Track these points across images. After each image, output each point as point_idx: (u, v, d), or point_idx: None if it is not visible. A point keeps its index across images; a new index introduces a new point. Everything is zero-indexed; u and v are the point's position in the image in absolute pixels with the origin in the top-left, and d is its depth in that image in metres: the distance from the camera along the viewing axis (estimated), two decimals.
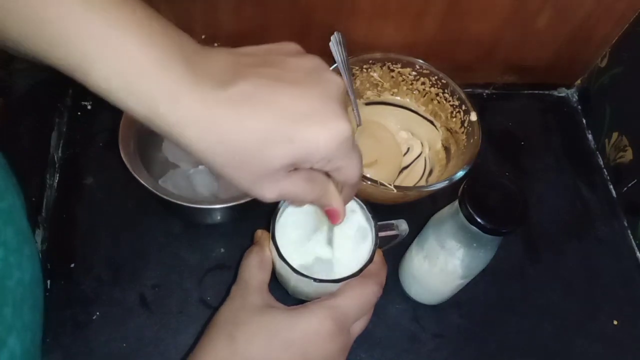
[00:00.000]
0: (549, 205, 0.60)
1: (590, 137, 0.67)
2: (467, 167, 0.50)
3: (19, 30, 0.25)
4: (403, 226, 0.46)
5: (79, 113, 0.59)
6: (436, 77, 0.55)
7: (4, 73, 0.52)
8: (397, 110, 0.59)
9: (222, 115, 0.27)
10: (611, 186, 0.63)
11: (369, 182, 0.47)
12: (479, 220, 0.38)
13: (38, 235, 0.50)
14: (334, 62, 0.51)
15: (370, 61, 0.55)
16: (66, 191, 0.54)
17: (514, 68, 0.66)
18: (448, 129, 0.56)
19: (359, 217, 0.45)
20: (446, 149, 0.56)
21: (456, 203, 0.40)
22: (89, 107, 0.59)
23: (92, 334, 0.47)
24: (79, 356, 0.46)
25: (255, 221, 0.48)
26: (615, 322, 0.53)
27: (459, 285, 0.47)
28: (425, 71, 0.55)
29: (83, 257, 0.50)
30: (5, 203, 0.34)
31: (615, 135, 0.62)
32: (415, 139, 0.59)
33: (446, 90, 0.55)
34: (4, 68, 0.52)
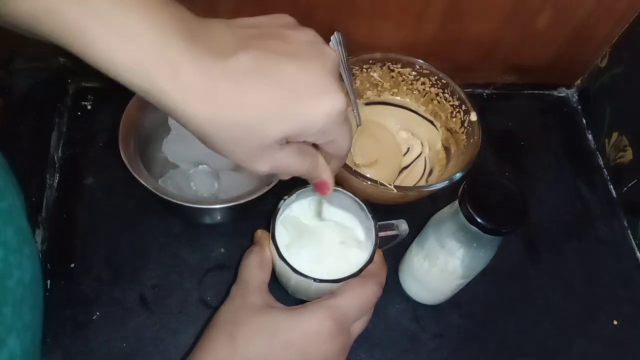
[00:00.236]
0: (549, 205, 0.60)
1: (590, 137, 0.67)
2: (467, 167, 0.50)
3: (21, 2, 0.25)
4: (403, 226, 0.46)
5: (79, 113, 0.59)
6: (436, 77, 0.55)
7: (4, 73, 0.52)
8: (397, 110, 0.59)
9: (222, 88, 0.28)
10: (611, 186, 0.63)
11: (369, 182, 0.47)
12: (479, 220, 0.38)
13: (38, 235, 0.50)
14: None
15: (370, 61, 0.55)
16: (66, 191, 0.54)
17: (514, 68, 0.66)
18: (448, 129, 0.56)
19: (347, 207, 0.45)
20: (446, 149, 0.56)
21: (456, 203, 0.40)
22: (89, 107, 0.59)
23: (92, 334, 0.47)
24: (79, 356, 0.46)
25: (255, 221, 0.48)
26: (615, 322, 0.53)
27: (459, 285, 0.47)
28: (425, 71, 0.55)
29: (83, 257, 0.50)
30: (5, 203, 0.34)
31: (615, 135, 0.62)
32: (415, 139, 0.59)
33: (446, 90, 0.55)
34: (4, 68, 0.52)
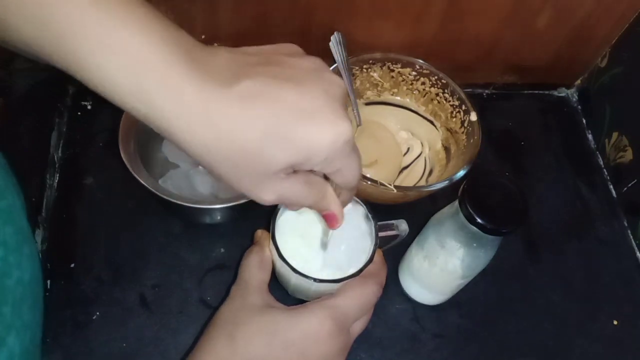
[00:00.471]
0: (549, 205, 0.60)
1: (590, 137, 0.67)
2: (467, 167, 0.50)
3: (19, 26, 0.25)
4: (403, 226, 0.46)
5: (79, 113, 0.59)
6: (436, 77, 0.55)
7: (4, 73, 0.52)
8: (397, 110, 0.59)
9: (224, 115, 0.27)
10: (611, 186, 0.63)
11: (369, 182, 0.47)
12: (479, 220, 0.38)
13: (38, 235, 0.50)
14: (334, 62, 0.51)
15: (370, 61, 0.55)
16: (66, 191, 0.54)
17: (514, 68, 0.66)
18: (448, 129, 0.56)
19: (357, 221, 0.45)
20: (446, 149, 0.56)
21: (456, 203, 0.40)
22: (89, 107, 0.59)
23: (92, 334, 0.47)
24: (79, 356, 0.46)
25: (255, 221, 0.48)
26: (615, 322, 0.53)
27: (459, 285, 0.47)
28: (425, 71, 0.55)
29: (83, 257, 0.50)
30: (4, 202, 0.34)
31: (615, 135, 0.62)
32: (415, 139, 0.59)
33: (446, 90, 0.55)
34: (4, 68, 0.52)
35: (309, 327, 0.38)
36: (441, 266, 0.44)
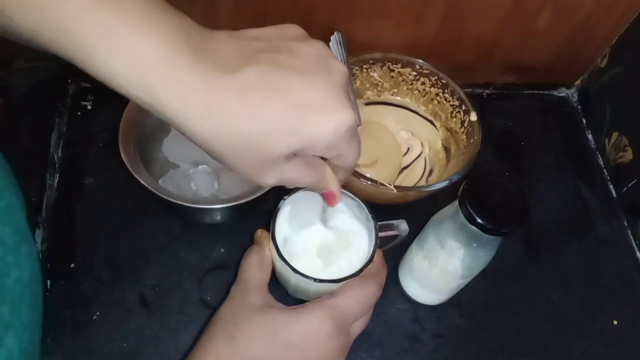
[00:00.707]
0: (549, 205, 0.60)
1: (590, 137, 0.67)
2: (467, 167, 0.50)
3: (21, 17, 0.25)
4: (403, 226, 0.46)
5: (79, 113, 0.59)
6: (436, 77, 0.55)
7: (4, 73, 0.52)
8: (397, 110, 0.59)
9: (228, 103, 0.27)
10: (611, 186, 0.63)
11: (369, 182, 0.47)
12: (479, 220, 0.38)
13: (38, 235, 0.50)
14: None
15: (370, 61, 0.55)
16: (66, 191, 0.54)
17: (514, 68, 0.66)
18: (448, 129, 0.56)
19: (357, 222, 0.45)
20: (446, 149, 0.56)
21: (456, 203, 0.40)
22: (89, 107, 0.59)
23: (92, 334, 0.47)
24: (79, 356, 0.46)
25: (255, 221, 0.48)
26: (615, 322, 0.53)
27: (459, 285, 0.47)
28: (425, 71, 0.55)
29: (83, 257, 0.50)
30: (3, 202, 0.34)
31: (615, 135, 0.62)
32: (415, 139, 0.59)
33: (446, 90, 0.55)
34: (4, 68, 0.52)
35: (309, 327, 0.38)
36: (441, 266, 0.44)
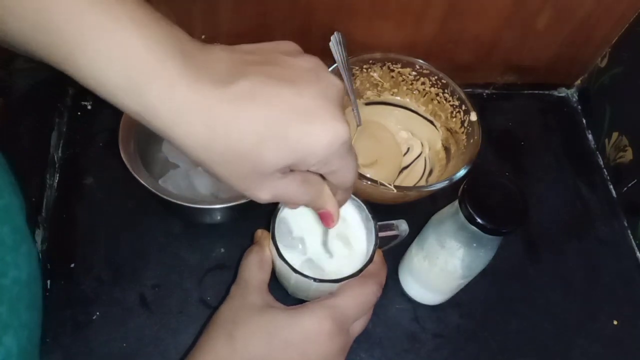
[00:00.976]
0: (549, 205, 0.60)
1: (590, 137, 0.67)
2: (467, 167, 0.50)
3: (14, 24, 0.25)
4: (403, 226, 0.46)
5: (79, 113, 0.59)
6: (436, 77, 0.55)
7: (4, 73, 0.52)
8: (397, 110, 0.59)
9: (219, 113, 0.27)
10: (611, 186, 0.63)
11: (369, 182, 0.47)
12: (479, 220, 0.38)
13: (38, 235, 0.50)
14: (334, 62, 0.51)
15: (370, 61, 0.55)
16: (66, 191, 0.54)
17: (514, 68, 0.66)
18: (448, 129, 0.56)
19: (357, 222, 0.45)
20: (446, 149, 0.56)
21: (456, 203, 0.40)
22: (89, 107, 0.59)
23: (92, 334, 0.47)
24: (79, 356, 0.46)
25: (255, 221, 0.48)
26: (615, 322, 0.53)
27: (459, 285, 0.47)
28: (425, 71, 0.55)
29: (83, 257, 0.50)
30: (1, 202, 0.34)
31: (615, 135, 0.62)
32: (415, 139, 0.59)
33: (446, 90, 0.55)
34: (4, 68, 0.52)
35: (309, 327, 0.38)
36: (441, 266, 0.44)
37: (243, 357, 0.37)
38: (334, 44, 0.50)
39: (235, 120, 0.27)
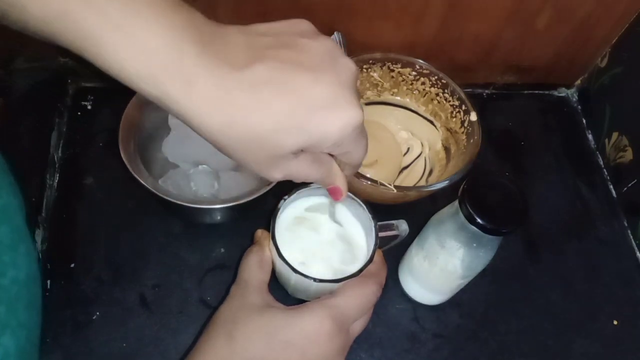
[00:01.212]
0: (549, 205, 0.60)
1: (590, 137, 0.67)
2: (467, 167, 0.50)
3: (35, 10, 0.25)
4: (403, 226, 0.46)
5: (79, 113, 0.59)
6: (436, 77, 0.55)
7: (4, 73, 0.52)
8: (397, 110, 0.59)
9: (237, 99, 0.27)
10: (611, 186, 0.63)
11: (369, 182, 0.47)
12: (479, 220, 0.38)
13: (38, 235, 0.50)
14: None
15: (370, 61, 0.55)
16: (66, 191, 0.54)
17: (514, 68, 0.66)
18: (448, 129, 0.56)
19: (357, 221, 0.45)
20: (446, 149, 0.56)
21: (456, 203, 0.40)
22: (89, 107, 0.59)
23: (92, 334, 0.47)
24: (79, 356, 0.46)
25: (255, 221, 0.48)
26: (615, 322, 0.53)
27: (459, 285, 0.47)
28: (425, 71, 0.55)
29: (83, 257, 0.50)
30: (0, 201, 0.34)
31: (615, 135, 0.62)
32: (415, 139, 0.59)
33: (446, 90, 0.55)
34: (4, 68, 0.52)
35: (309, 327, 0.38)
36: (441, 266, 0.44)
37: (243, 357, 0.37)
38: None
39: (253, 106, 0.28)
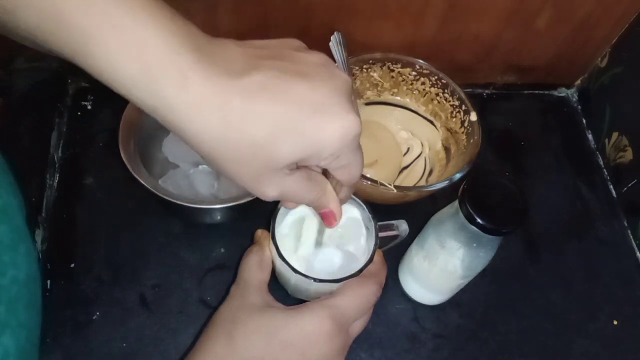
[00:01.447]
0: (549, 205, 0.60)
1: (590, 137, 0.67)
2: (467, 167, 0.50)
3: (24, 13, 0.25)
4: (403, 226, 0.46)
5: (79, 113, 0.59)
6: (436, 77, 0.55)
7: (4, 73, 0.52)
8: (397, 110, 0.59)
9: (233, 105, 0.27)
10: (611, 186, 0.63)
11: (369, 182, 0.47)
12: (479, 220, 0.38)
13: (38, 235, 0.50)
14: (334, 62, 0.51)
15: (370, 61, 0.55)
16: (66, 191, 0.54)
17: (514, 68, 0.66)
18: (448, 129, 0.56)
19: (357, 221, 0.45)
20: (446, 149, 0.56)
21: (456, 203, 0.40)
22: (89, 107, 0.59)
23: (92, 334, 0.47)
24: (79, 356, 0.46)
25: (255, 221, 0.48)
26: (615, 322, 0.53)
27: (459, 285, 0.47)
28: (425, 71, 0.55)
29: (83, 257, 0.50)
30: (0, 201, 0.34)
31: (615, 135, 0.62)
32: (415, 139, 0.59)
33: (446, 90, 0.55)
34: (4, 68, 0.52)
35: (308, 327, 0.38)
36: (441, 266, 0.44)
37: (243, 357, 0.37)
38: (334, 44, 0.50)
39: (250, 112, 0.27)
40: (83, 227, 0.52)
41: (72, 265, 0.50)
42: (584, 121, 0.68)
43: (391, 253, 0.48)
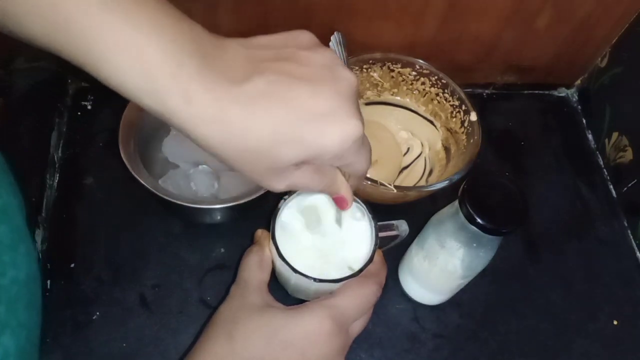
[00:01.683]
0: (549, 205, 0.60)
1: (590, 137, 0.67)
2: (467, 167, 0.50)
3: (30, 22, 0.25)
4: (403, 226, 0.46)
5: (79, 113, 0.59)
6: (436, 77, 0.55)
7: (4, 73, 0.52)
8: (397, 110, 0.59)
9: (235, 114, 0.27)
10: (611, 186, 0.63)
11: (369, 182, 0.47)
12: (479, 220, 0.38)
13: (38, 235, 0.50)
14: None
15: (370, 61, 0.55)
16: (66, 191, 0.54)
17: (514, 68, 0.66)
18: (448, 129, 0.56)
19: (357, 222, 0.45)
20: (446, 149, 0.56)
21: (456, 203, 0.40)
22: (89, 107, 0.59)
23: (92, 334, 0.47)
24: (79, 356, 0.46)
25: (255, 221, 0.48)
26: (615, 322, 0.53)
27: (459, 285, 0.47)
28: (425, 71, 0.55)
29: (83, 257, 0.50)
30: (0, 201, 0.34)
31: (615, 135, 0.62)
32: (415, 139, 0.59)
33: (446, 90, 0.55)
34: (4, 68, 0.52)
35: (308, 327, 0.38)
36: (441, 266, 0.44)
37: (243, 357, 0.37)
38: (334, 44, 0.50)
39: (251, 120, 0.28)
40: (83, 227, 0.52)
41: (72, 265, 0.50)
42: (584, 121, 0.68)
43: (391, 253, 0.48)
